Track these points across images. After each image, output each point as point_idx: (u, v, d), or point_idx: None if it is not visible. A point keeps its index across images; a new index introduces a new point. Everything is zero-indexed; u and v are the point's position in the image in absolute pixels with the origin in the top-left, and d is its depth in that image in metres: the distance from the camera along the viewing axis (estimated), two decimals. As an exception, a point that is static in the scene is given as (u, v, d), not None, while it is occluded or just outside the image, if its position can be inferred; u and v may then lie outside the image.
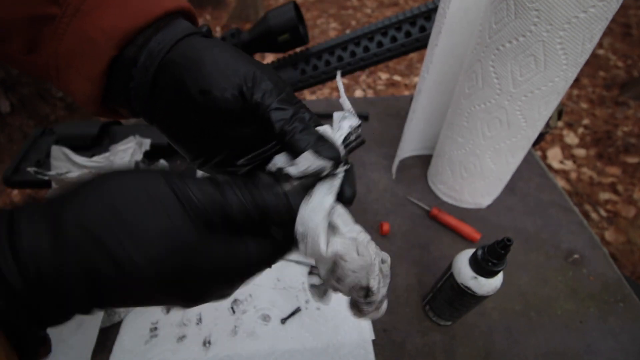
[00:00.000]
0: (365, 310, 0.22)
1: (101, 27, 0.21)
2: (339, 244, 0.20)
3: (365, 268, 0.20)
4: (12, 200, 1.51)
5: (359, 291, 0.21)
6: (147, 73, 0.22)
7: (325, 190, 0.20)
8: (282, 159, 0.22)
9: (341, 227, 0.20)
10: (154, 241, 0.16)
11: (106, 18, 0.22)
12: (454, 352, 0.42)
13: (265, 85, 0.21)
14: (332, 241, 0.20)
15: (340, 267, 0.20)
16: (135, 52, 0.22)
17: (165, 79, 0.22)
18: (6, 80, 1.58)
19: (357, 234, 0.21)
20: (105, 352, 0.42)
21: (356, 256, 0.20)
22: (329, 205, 0.20)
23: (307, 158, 0.20)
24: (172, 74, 0.22)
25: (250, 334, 0.43)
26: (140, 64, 0.22)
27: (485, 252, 0.34)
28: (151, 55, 0.22)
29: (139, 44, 0.22)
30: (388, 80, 2.15)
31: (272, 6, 3.02)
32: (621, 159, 1.59)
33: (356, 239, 0.20)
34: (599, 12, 0.32)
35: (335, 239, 0.20)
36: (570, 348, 0.42)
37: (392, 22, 0.53)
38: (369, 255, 0.20)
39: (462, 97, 0.46)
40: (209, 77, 0.21)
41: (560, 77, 0.38)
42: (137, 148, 0.58)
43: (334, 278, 0.21)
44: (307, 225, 0.19)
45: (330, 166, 0.20)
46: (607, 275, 0.49)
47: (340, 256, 0.20)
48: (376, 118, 0.75)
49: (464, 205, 0.57)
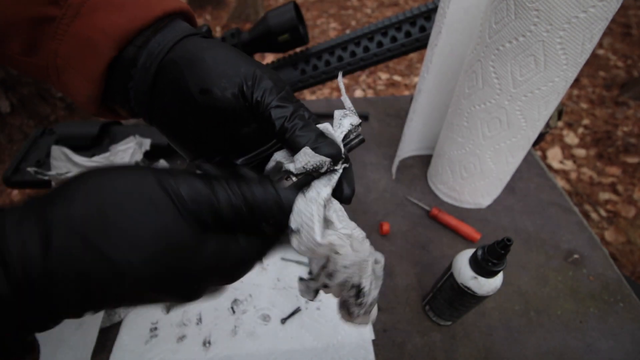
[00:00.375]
0: (355, 313, 0.22)
1: (101, 28, 0.22)
2: (336, 235, 0.20)
3: (358, 264, 0.20)
4: (12, 200, 1.51)
5: (350, 290, 0.21)
6: (147, 73, 0.22)
7: (322, 183, 0.21)
8: (282, 154, 0.22)
9: (336, 223, 0.20)
10: (147, 241, 0.16)
11: (106, 19, 0.22)
12: (454, 352, 0.42)
13: (265, 84, 0.21)
14: (327, 232, 0.20)
15: (333, 262, 0.20)
16: (135, 53, 0.22)
17: (165, 79, 0.22)
18: (6, 80, 1.58)
19: (352, 230, 0.21)
20: (105, 352, 0.42)
21: (350, 251, 0.20)
22: (325, 196, 0.20)
23: (306, 154, 0.20)
24: (172, 74, 0.22)
25: (250, 334, 0.43)
26: (140, 65, 0.22)
27: (485, 252, 0.34)
28: (151, 56, 0.22)
29: (138, 44, 0.22)
30: (388, 80, 2.15)
31: (272, 6, 3.02)
32: (621, 159, 1.59)
33: (351, 235, 0.20)
34: (599, 12, 0.32)
35: (330, 232, 0.20)
36: (570, 348, 0.42)
37: (392, 22, 0.53)
38: (363, 251, 0.20)
39: (462, 97, 0.46)
40: (209, 77, 0.21)
41: (560, 77, 0.38)
42: (137, 148, 0.58)
43: (326, 274, 0.21)
44: (302, 215, 0.19)
45: (329, 163, 0.20)
46: (607, 275, 0.49)
47: (335, 248, 0.19)
48: (376, 118, 0.75)
49: (464, 205, 0.57)
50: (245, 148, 0.24)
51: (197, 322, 0.44)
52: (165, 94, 0.23)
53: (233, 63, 0.22)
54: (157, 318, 0.44)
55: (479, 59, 0.41)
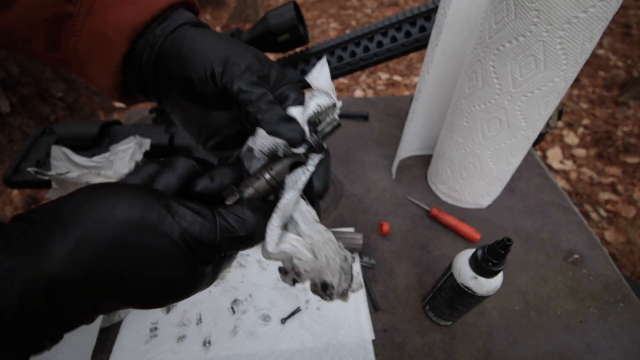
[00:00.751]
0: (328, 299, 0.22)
1: (112, 23, 0.23)
2: (290, 243, 0.20)
3: (317, 270, 0.20)
4: (12, 200, 1.51)
5: (318, 285, 0.21)
6: (148, 64, 0.24)
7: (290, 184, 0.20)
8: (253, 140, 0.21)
9: (301, 225, 0.20)
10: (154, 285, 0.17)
11: (116, 15, 0.23)
12: (454, 352, 0.42)
13: (235, 69, 0.21)
14: (284, 239, 0.20)
15: (295, 265, 0.20)
16: (144, 45, 0.24)
17: (160, 69, 0.24)
18: (6, 80, 1.58)
19: (315, 233, 0.20)
20: (105, 352, 0.42)
21: (310, 257, 0.20)
22: (286, 202, 0.20)
23: (260, 136, 0.20)
24: (164, 64, 0.23)
25: (250, 334, 0.43)
26: (145, 56, 0.24)
27: (485, 252, 0.34)
28: (151, 48, 0.24)
29: (147, 37, 0.24)
30: (388, 80, 2.15)
31: (272, 6, 3.02)
32: (621, 159, 1.59)
33: (312, 239, 0.20)
34: (599, 12, 0.32)
35: (289, 237, 0.20)
36: (570, 348, 0.42)
37: (392, 22, 0.53)
38: (322, 257, 0.20)
39: (462, 97, 0.46)
40: (188, 65, 0.22)
41: (560, 77, 0.38)
42: (137, 148, 0.58)
43: (294, 272, 0.21)
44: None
45: (284, 145, 0.20)
46: (607, 275, 0.49)
47: (290, 256, 0.20)
48: (376, 118, 0.75)
49: (464, 205, 0.57)
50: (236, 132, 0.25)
51: (197, 322, 0.44)
52: (162, 83, 0.24)
53: (208, 50, 0.22)
54: (157, 318, 0.44)
55: (479, 59, 0.41)
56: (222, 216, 0.18)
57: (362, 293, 0.47)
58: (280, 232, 0.20)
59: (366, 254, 0.51)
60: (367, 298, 0.46)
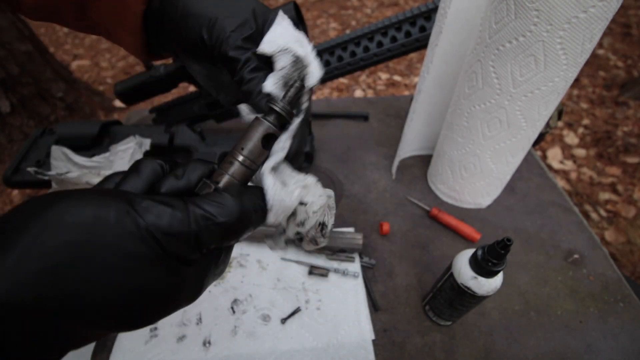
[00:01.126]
0: (320, 242, 0.24)
1: None
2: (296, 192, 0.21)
3: (323, 207, 0.22)
4: (12, 200, 1.51)
5: (317, 228, 0.23)
6: (157, 22, 0.25)
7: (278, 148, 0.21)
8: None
9: (289, 183, 0.21)
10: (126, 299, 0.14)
11: None
12: (454, 352, 0.42)
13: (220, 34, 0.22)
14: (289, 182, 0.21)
15: (302, 212, 0.21)
16: (159, 4, 0.25)
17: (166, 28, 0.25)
18: (6, 80, 1.58)
19: (304, 181, 0.22)
20: (105, 352, 0.42)
21: (315, 198, 0.22)
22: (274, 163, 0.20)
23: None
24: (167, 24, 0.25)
25: (250, 334, 0.43)
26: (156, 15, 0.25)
27: (485, 252, 0.34)
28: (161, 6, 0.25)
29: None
30: (388, 80, 2.15)
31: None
32: (621, 159, 1.59)
33: (307, 184, 0.22)
34: (599, 12, 0.32)
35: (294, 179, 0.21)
36: (570, 348, 0.42)
37: (392, 22, 0.53)
38: (323, 194, 0.22)
39: (462, 97, 0.46)
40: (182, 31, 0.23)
41: (560, 77, 0.38)
42: (137, 148, 0.58)
43: (297, 224, 0.22)
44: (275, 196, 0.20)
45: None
46: (607, 275, 0.49)
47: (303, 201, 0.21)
48: (376, 118, 0.75)
49: (464, 205, 0.57)
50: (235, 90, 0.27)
51: (197, 322, 0.44)
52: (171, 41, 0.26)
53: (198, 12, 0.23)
54: (157, 318, 0.44)
55: (479, 59, 0.41)
56: (195, 204, 0.16)
57: (362, 293, 0.47)
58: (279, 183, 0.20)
59: (366, 254, 0.51)
60: (367, 298, 0.46)
